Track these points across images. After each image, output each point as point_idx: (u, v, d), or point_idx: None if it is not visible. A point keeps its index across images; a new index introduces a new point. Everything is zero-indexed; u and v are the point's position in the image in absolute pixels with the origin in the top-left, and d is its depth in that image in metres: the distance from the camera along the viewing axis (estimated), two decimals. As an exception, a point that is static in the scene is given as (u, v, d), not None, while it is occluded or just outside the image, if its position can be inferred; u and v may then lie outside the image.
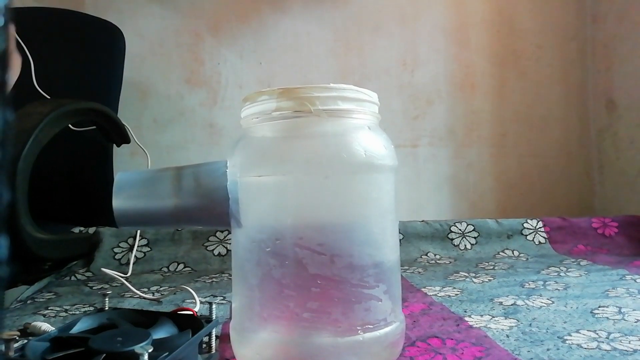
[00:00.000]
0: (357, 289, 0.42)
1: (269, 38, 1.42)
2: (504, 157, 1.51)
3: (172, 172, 0.47)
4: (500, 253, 1.03)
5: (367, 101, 0.45)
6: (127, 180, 0.48)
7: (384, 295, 0.44)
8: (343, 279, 0.42)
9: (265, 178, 0.44)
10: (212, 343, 0.51)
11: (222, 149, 1.41)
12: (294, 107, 0.43)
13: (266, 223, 0.44)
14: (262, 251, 0.43)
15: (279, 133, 0.45)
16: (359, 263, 0.43)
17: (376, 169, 0.44)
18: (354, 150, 0.42)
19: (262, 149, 0.45)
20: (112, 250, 0.97)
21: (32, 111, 0.84)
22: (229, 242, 1.00)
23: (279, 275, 0.42)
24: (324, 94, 0.43)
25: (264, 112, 0.44)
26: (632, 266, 0.87)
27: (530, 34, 1.52)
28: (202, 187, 0.46)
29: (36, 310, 0.69)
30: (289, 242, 0.42)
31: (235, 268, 0.47)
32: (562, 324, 0.58)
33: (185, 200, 0.46)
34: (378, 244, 0.45)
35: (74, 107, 0.91)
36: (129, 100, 1.32)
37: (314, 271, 0.42)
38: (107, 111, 0.99)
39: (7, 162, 0.20)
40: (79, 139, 1.04)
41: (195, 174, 0.46)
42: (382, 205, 0.45)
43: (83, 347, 0.42)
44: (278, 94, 0.43)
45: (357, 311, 0.42)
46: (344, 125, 0.44)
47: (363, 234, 0.44)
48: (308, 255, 0.42)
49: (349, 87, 0.44)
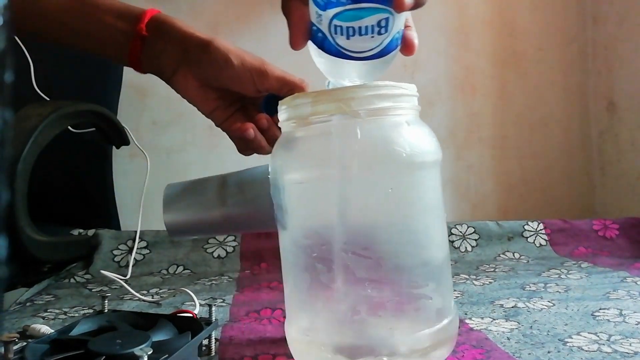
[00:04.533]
0: (406, 290, 0.42)
1: (268, 39, 1.41)
2: (505, 159, 1.51)
3: (216, 182, 0.48)
4: (501, 255, 1.02)
5: (405, 95, 0.44)
6: (174, 192, 0.49)
7: (434, 293, 0.43)
8: (391, 281, 0.42)
9: (308, 182, 0.44)
10: (212, 345, 0.51)
11: (221, 151, 1.41)
12: (330, 110, 0.42)
13: (311, 228, 0.44)
14: (308, 256, 0.43)
15: (317, 137, 0.44)
16: (406, 264, 0.42)
17: (419, 166, 0.43)
18: (394, 149, 0.41)
19: (304, 152, 0.45)
20: (111, 252, 0.97)
21: (31, 113, 0.84)
22: (229, 244, 1.00)
23: (327, 280, 0.42)
24: (359, 93, 0.42)
25: (300, 117, 0.44)
26: (633, 268, 0.87)
27: (530, 36, 1.52)
28: (246, 195, 0.46)
29: (35, 313, 0.69)
30: (334, 247, 0.42)
31: (285, 272, 0.47)
32: (563, 326, 0.57)
33: (232, 209, 0.46)
34: (424, 242, 0.44)
35: (73, 108, 0.91)
36: (129, 101, 1.31)
37: (361, 275, 0.41)
38: (106, 113, 0.99)
39: (7, 163, 0.19)
40: (78, 141, 1.04)
41: (238, 182, 0.47)
42: (426, 202, 0.44)
43: (82, 349, 0.42)
44: (313, 97, 0.43)
45: (407, 311, 0.42)
46: (383, 124, 0.43)
47: (408, 234, 0.43)
48: (354, 260, 0.41)
49: (385, 84, 0.43)
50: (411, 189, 0.44)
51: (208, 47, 0.52)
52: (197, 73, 0.53)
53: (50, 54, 1.08)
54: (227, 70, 0.52)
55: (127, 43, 0.54)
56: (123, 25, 0.54)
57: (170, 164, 1.41)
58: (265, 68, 0.52)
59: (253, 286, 0.83)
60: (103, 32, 0.54)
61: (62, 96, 1.08)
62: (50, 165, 0.91)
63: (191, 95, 0.55)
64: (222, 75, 0.53)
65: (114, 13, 0.54)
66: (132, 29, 0.53)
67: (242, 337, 0.56)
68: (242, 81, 0.53)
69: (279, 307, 0.68)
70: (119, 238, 0.99)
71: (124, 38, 0.54)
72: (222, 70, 0.52)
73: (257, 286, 0.82)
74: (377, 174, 0.42)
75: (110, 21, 0.54)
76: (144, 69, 0.56)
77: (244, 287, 0.82)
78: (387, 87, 0.43)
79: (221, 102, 0.56)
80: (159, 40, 0.54)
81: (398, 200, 0.43)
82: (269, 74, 0.52)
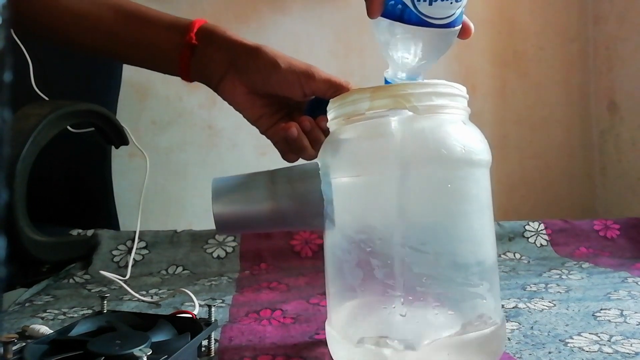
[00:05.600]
0: (462, 287, 0.42)
1: (268, 39, 1.41)
2: (505, 159, 1.50)
3: (266, 176, 0.48)
4: (501, 256, 1.02)
5: (459, 95, 0.44)
6: (224, 185, 0.48)
7: (487, 293, 0.43)
8: (448, 278, 0.42)
9: (361, 178, 0.44)
10: (212, 346, 0.51)
11: (221, 150, 1.41)
12: (388, 105, 0.42)
13: (366, 223, 0.44)
14: (362, 251, 0.42)
15: (373, 132, 0.44)
16: (462, 261, 0.42)
17: (474, 164, 0.43)
18: (452, 146, 0.41)
19: (357, 148, 0.45)
20: (110, 252, 0.96)
21: (30, 113, 0.83)
22: (228, 245, 1.00)
23: (382, 276, 0.42)
24: (418, 90, 0.42)
25: (356, 112, 0.44)
26: (634, 269, 0.87)
27: (531, 35, 1.52)
28: (296, 190, 0.46)
29: (34, 313, 0.69)
30: (391, 242, 0.42)
31: (331, 269, 0.46)
32: (564, 327, 0.57)
33: (281, 204, 0.46)
34: (479, 241, 0.44)
35: (72, 108, 0.91)
36: (128, 101, 1.31)
37: (418, 270, 0.41)
38: (105, 113, 0.99)
39: (6, 163, 0.19)
40: (77, 141, 1.04)
41: (288, 177, 0.47)
42: (481, 201, 0.44)
43: (82, 349, 0.41)
44: (371, 92, 0.43)
45: (463, 310, 0.42)
46: (440, 121, 0.43)
47: (465, 231, 0.43)
48: (412, 254, 0.41)
49: (442, 82, 0.43)
50: (468, 186, 0.44)
51: (256, 52, 0.53)
52: (246, 79, 0.54)
53: (49, 54, 1.08)
54: (276, 74, 0.53)
55: (177, 53, 0.55)
56: (173, 36, 0.55)
57: (170, 164, 1.41)
58: (312, 71, 0.53)
59: (253, 287, 0.82)
60: (153, 43, 0.56)
61: (61, 96, 1.08)
62: (49, 165, 0.91)
63: (238, 102, 0.56)
64: (270, 79, 0.53)
65: (164, 24, 0.56)
66: (182, 39, 0.55)
67: (241, 337, 0.56)
68: (289, 84, 0.53)
69: (279, 308, 0.68)
70: (118, 238, 0.99)
71: (174, 48, 0.55)
72: (271, 74, 0.53)
73: (257, 287, 0.82)
74: (435, 169, 0.42)
75: (160, 32, 0.55)
76: (192, 77, 0.57)
77: (244, 288, 0.82)
78: (444, 85, 0.43)
79: (267, 109, 0.56)
80: (208, 48, 0.55)
81: (456, 196, 0.43)
82: (316, 76, 0.53)
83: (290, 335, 0.57)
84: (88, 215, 1.17)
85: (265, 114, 0.56)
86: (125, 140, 1.04)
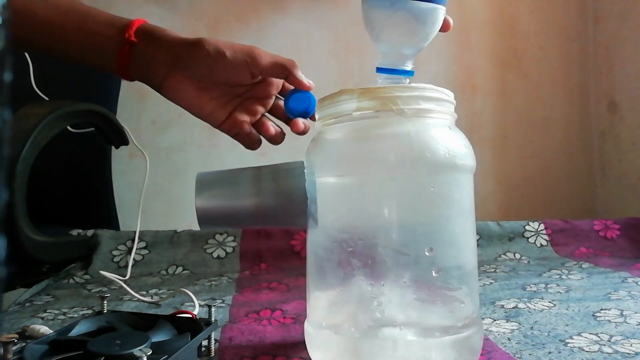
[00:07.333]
0: (442, 290, 0.42)
1: (268, 39, 1.42)
2: (506, 159, 1.50)
3: (251, 172, 0.48)
4: (501, 256, 1.02)
5: (446, 100, 0.45)
6: (208, 180, 0.48)
7: (466, 297, 0.43)
8: (428, 280, 0.42)
9: (346, 178, 0.44)
10: (212, 346, 0.51)
11: (221, 150, 1.41)
12: (376, 106, 0.42)
13: (349, 223, 0.44)
14: (343, 251, 0.43)
15: (359, 133, 0.44)
16: (442, 264, 0.42)
17: (458, 168, 0.44)
18: (437, 150, 0.42)
19: (342, 149, 0.45)
20: (110, 252, 0.96)
21: (30, 113, 0.83)
22: (228, 245, 1.00)
23: (362, 276, 0.42)
24: (405, 93, 0.42)
25: (343, 113, 0.44)
26: (634, 269, 0.87)
27: (531, 35, 1.52)
28: (281, 187, 0.46)
29: (34, 313, 0.69)
30: (372, 242, 0.42)
31: (312, 267, 0.47)
32: (564, 327, 0.57)
33: (265, 200, 0.46)
34: (460, 245, 0.44)
35: (72, 108, 0.91)
36: (128, 101, 1.31)
37: (398, 272, 0.42)
38: (105, 113, 0.99)
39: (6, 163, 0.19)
40: (77, 141, 1.04)
41: (273, 174, 0.47)
42: (463, 206, 0.45)
43: (82, 350, 0.41)
44: (359, 93, 0.43)
45: (441, 312, 0.43)
46: (426, 125, 0.44)
47: (446, 235, 0.44)
48: (392, 256, 0.41)
49: (429, 87, 0.44)
50: (451, 190, 0.44)
51: (198, 45, 0.53)
52: (190, 74, 0.54)
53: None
54: (221, 61, 0.53)
55: (116, 49, 0.54)
56: (112, 32, 0.54)
57: (170, 164, 1.41)
58: (256, 51, 0.53)
59: (253, 287, 0.82)
60: (92, 40, 0.55)
61: (61, 96, 1.08)
62: (49, 165, 0.91)
63: (185, 99, 0.56)
64: (216, 67, 0.53)
65: (103, 21, 0.55)
66: (121, 36, 0.54)
67: (241, 337, 0.56)
68: (236, 68, 0.53)
69: (279, 308, 0.68)
70: (118, 238, 0.99)
71: (112, 45, 0.54)
72: (216, 62, 0.53)
73: (257, 287, 0.82)
74: (419, 172, 0.42)
75: (99, 29, 0.55)
76: (132, 76, 0.56)
77: (244, 288, 0.82)
78: (431, 89, 0.44)
79: (217, 101, 0.56)
80: (148, 47, 0.54)
81: (439, 200, 0.44)
82: (262, 55, 0.53)
83: (290, 335, 0.57)
84: (88, 215, 1.17)
85: (215, 107, 0.56)
86: (125, 140, 1.04)
